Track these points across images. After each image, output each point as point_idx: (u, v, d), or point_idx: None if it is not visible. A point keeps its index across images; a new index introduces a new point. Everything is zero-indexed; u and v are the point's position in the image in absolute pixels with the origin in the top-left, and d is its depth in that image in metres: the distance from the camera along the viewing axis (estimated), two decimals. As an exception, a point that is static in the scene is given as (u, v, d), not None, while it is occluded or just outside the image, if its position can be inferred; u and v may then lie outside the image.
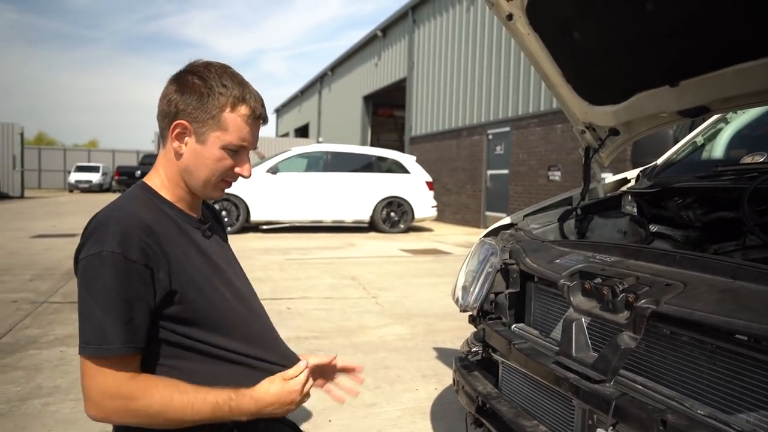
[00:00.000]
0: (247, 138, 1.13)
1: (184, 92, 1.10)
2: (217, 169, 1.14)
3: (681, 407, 1.01)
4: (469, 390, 1.58)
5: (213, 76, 1.10)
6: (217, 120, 1.10)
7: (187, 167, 1.14)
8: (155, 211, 1.11)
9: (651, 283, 1.13)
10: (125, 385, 1.00)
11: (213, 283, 1.14)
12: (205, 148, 1.11)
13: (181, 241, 1.12)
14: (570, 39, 1.82)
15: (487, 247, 1.79)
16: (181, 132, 1.11)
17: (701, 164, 2.18)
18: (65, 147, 36.28)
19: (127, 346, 1.00)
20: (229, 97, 1.10)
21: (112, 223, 1.03)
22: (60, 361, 3.02)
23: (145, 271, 1.02)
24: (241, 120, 1.11)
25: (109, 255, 0.99)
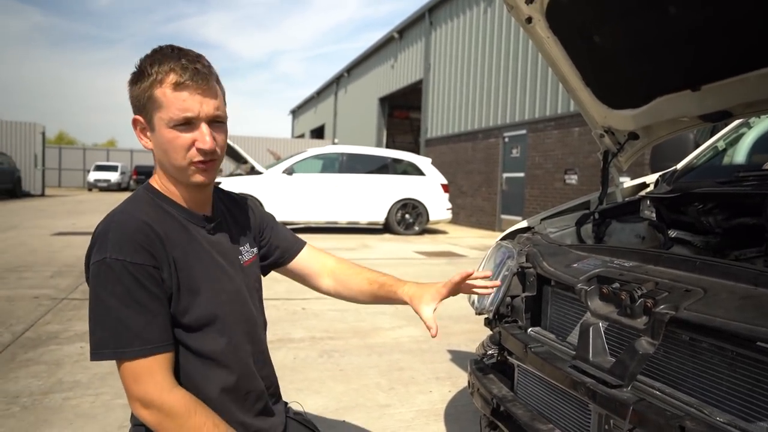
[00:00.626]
0: (188, 106, 1.04)
1: (130, 86, 1.09)
2: (176, 151, 1.07)
3: (700, 414, 1.00)
4: (484, 393, 1.58)
5: (145, 60, 1.07)
6: (152, 101, 1.06)
7: (160, 160, 1.13)
8: (157, 211, 1.11)
9: (670, 288, 1.12)
10: (166, 396, 1.01)
11: (210, 286, 1.13)
12: (158, 134, 1.08)
13: (182, 240, 1.11)
14: (590, 42, 1.81)
15: (504, 250, 1.79)
16: (142, 128, 1.11)
17: (722, 169, 2.15)
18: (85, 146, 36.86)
19: (149, 347, 1.01)
20: (157, 74, 1.04)
21: (114, 228, 1.04)
22: (80, 357, 3.07)
23: (153, 271, 1.03)
24: (171, 90, 1.04)
25: (113, 261, 1.00)
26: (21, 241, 7.72)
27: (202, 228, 1.17)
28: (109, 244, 1.02)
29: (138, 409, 1.03)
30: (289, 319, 4.10)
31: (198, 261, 1.12)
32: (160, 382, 1.02)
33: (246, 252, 1.27)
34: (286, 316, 4.18)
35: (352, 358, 3.24)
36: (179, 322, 1.09)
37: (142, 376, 1.01)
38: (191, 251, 1.12)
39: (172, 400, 1.02)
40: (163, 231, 1.08)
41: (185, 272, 1.09)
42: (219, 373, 1.14)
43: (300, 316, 4.21)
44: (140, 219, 1.06)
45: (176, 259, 1.08)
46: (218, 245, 1.19)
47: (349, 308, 4.47)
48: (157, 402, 1.01)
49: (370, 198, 10.35)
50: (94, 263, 1.03)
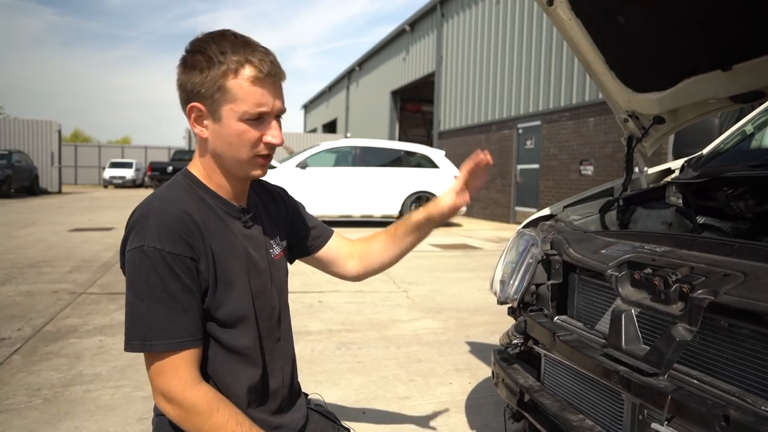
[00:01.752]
0: (264, 101, 1.03)
1: (186, 71, 1.04)
2: (243, 144, 1.05)
3: (743, 403, 0.96)
4: (510, 383, 1.54)
5: (210, 46, 1.02)
6: (223, 91, 1.01)
7: (215, 150, 1.08)
8: (196, 200, 1.08)
9: (707, 273, 1.08)
10: (189, 392, 0.99)
11: (244, 281, 1.11)
12: (223, 126, 1.04)
13: (220, 232, 1.09)
14: (614, 24, 1.76)
15: (527, 237, 1.75)
16: (197, 115, 1.06)
17: (752, 153, 2.09)
18: (100, 144, 37.20)
19: (176, 341, 0.99)
20: (230, 63, 1.00)
21: (153, 215, 1.01)
22: (99, 350, 3.09)
23: (189, 262, 1.01)
24: (248, 84, 1.01)
25: (151, 250, 0.97)
26: (40, 237, 7.81)
27: (237, 220, 1.14)
28: (147, 231, 0.99)
29: (161, 403, 1.02)
30: (305, 312, 4.09)
31: (234, 255, 1.10)
32: (185, 377, 1.00)
33: (276, 245, 1.25)
34: (303, 309, 4.17)
35: (369, 350, 3.22)
36: (212, 316, 1.07)
37: (167, 370, 0.99)
38: (228, 244, 1.09)
39: (194, 396, 1.00)
40: (202, 221, 1.05)
41: (222, 265, 1.07)
42: (246, 369, 1.12)
43: (316, 308, 4.20)
44: (180, 208, 1.03)
45: (214, 251, 1.06)
46: (252, 239, 1.17)
47: (365, 300, 4.46)
48: (179, 398, 0.99)
49: (383, 191, 10.32)
50: (130, 250, 1.00)
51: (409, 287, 4.98)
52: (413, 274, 5.61)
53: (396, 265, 1.45)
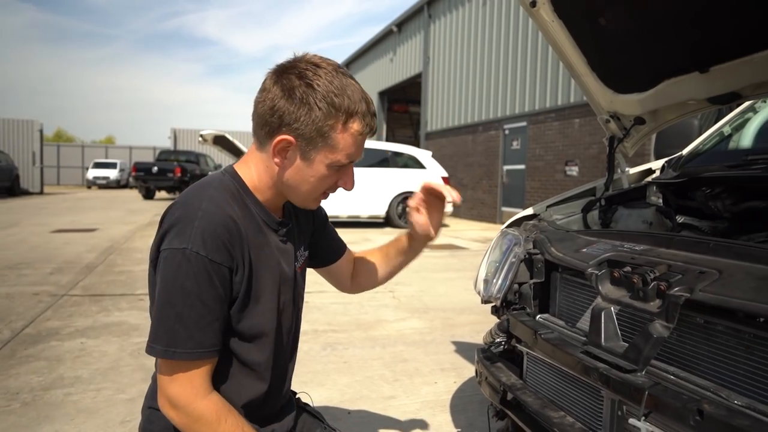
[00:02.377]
0: (355, 154, 1.05)
1: (291, 102, 0.98)
2: (320, 186, 1.07)
3: (717, 397, 0.98)
4: (493, 381, 1.55)
5: (323, 83, 0.98)
6: (326, 139, 1.00)
7: (287, 181, 1.06)
8: (241, 206, 1.05)
9: (684, 270, 1.10)
10: (199, 402, 0.98)
11: (273, 296, 1.10)
12: (310, 167, 1.03)
13: (258, 243, 1.07)
14: (595, 25, 1.78)
15: (511, 237, 1.77)
16: (284, 147, 1.02)
17: (729, 154, 2.12)
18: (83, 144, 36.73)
19: (200, 350, 0.97)
20: (342, 114, 0.99)
21: (201, 218, 0.97)
22: (81, 353, 3.05)
23: (227, 272, 0.99)
24: (351, 138, 1.01)
25: (194, 255, 0.94)
26: (21, 239, 7.69)
27: (275, 233, 1.13)
28: (193, 233, 0.95)
29: (165, 407, 1.00)
30: (291, 312, 4.07)
31: (267, 269, 1.09)
32: (197, 386, 0.98)
33: (300, 256, 1.24)
34: (288, 309, 4.15)
35: (355, 350, 3.22)
36: (233, 327, 1.05)
37: (181, 378, 0.97)
38: (263, 257, 1.08)
39: (203, 406, 0.98)
40: (245, 230, 1.03)
41: (255, 278, 1.05)
42: (254, 382, 1.11)
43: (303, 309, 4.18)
44: (228, 213, 1.00)
45: (252, 262, 1.04)
46: (286, 253, 1.15)
47: (352, 301, 4.45)
48: (188, 407, 0.98)
49: (370, 192, 10.32)
50: (170, 249, 0.96)
51: (395, 287, 4.99)
52: (400, 275, 5.59)
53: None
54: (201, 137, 14.20)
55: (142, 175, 18.31)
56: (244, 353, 1.08)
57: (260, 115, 1.02)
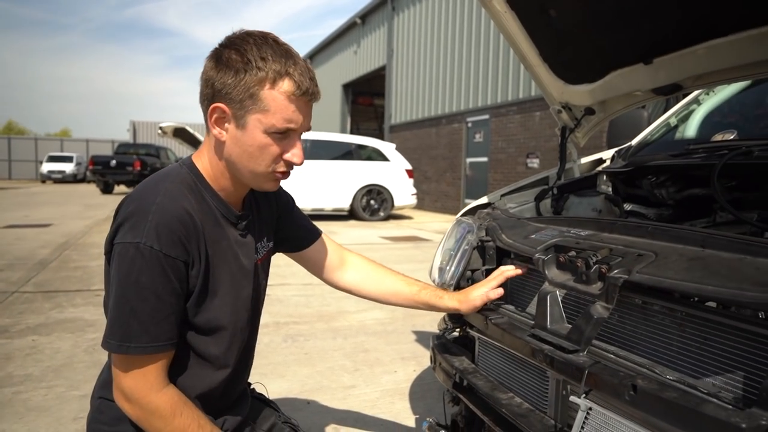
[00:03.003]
0: (294, 118, 0.99)
1: (220, 69, 0.97)
2: (263, 158, 1.01)
3: (651, 373, 1.02)
4: (446, 366, 1.58)
5: (250, 48, 0.96)
6: (255, 99, 0.97)
7: (230, 157, 1.02)
8: (198, 199, 1.03)
9: (623, 254, 1.14)
10: (154, 396, 0.97)
11: (230, 291, 1.09)
12: (246, 134, 0.99)
13: (215, 237, 1.05)
14: (546, 17, 1.81)
15: (464, 225, 1.79)
16: (219, 117, 1.00)
17: (674, 144, 2.20)
18: (37, 136, 35.34)
19: (154, 344, 0.95)
20: (269, 71, 0.96)
21: (155, 212, 0.95)
22: (31, 350, 2.96)
23: (183, 266, 0.97)
24: (283, 97, 0.97)
25: (148, 250, 0.92)
26: (-32, 235, 7.37)
27: (234, 226, 1.11)
28: (147, 228, 0.93)
29: (120, 400, 0.98)
30: (252, 305, 4.03)
31: (225, 263, 1.07)
32: (152, 380, 0.97)
33: (261, 248, 1.22)
34: (250, 302, 4.11)
35: (317, 341, 3.22)
36: (190, 320, 1.04)
37: (135, 372, 0.96)
38: (220, 251, 1.06)
39: (159, 400, 0.97)
40: (202, 224, 1.01)
41: (211, 272, 1.04)
42: (212, 374, 1.10)
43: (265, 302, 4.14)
44: (183, 207, 0.98)
45: (209, 256, 1.02)
46: (244, 246, 1.13)
47: (314, 293, 4.44)
48: (143, 400, 0.96)
49: (334, 184, 10.29)
50: (124, 243, 0.94)
51: (358, 279, 4.99)
52: (363, 267, 5.63)
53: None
54: (161, 129, 13.85)
55: (100, 168, 17.76)
56: (201, 346, 1.07)
57: (200, 93, 1.02)
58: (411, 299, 1.42)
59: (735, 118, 2.33)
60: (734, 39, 1.48)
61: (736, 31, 1.46)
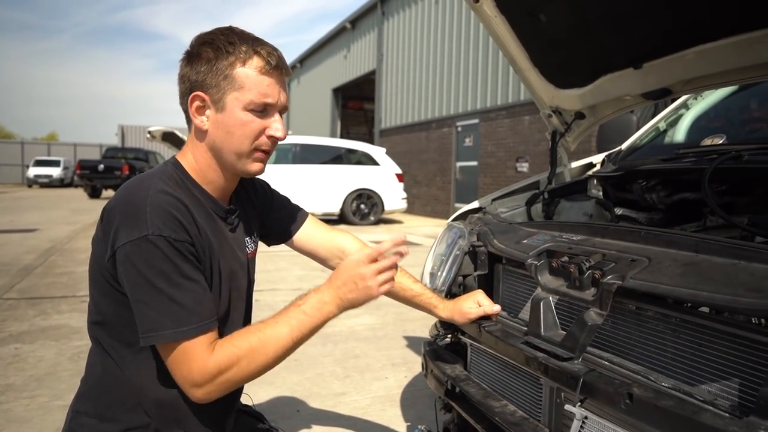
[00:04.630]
0: (270, 92, 1.03)
1: (192, 62, 1.02)
2: (246, 135, 1.03)
3: (646, 381, 1.01)
4: (438, 374, 1.56)
5: (217, 37, 1.02)
6: (230, 79, 1.00)
7: (214, 143, 1.05)
8: (187, 194, 1.04)
9: (617, 259, 1.13)
10: (208, 365, 0.96)
11: (228, 283, 1.09)
12: (226, 115, 1.02)
13: (210, 230, 1.05)
14: (536, 21, 1.81)
15: (456, 230, 1.78)
16: (199, 105, 1.03)
17: (664, 148, 2.21)
18: (24, 140, 34.92)
19: (205, 322, 0.96)
20: (239, 53, 1.01)
21: (150, 204, 0.95)
22: (14, 359, 2.89)
23: (192, 249, 0.98)
24: (256, 73, 1.01)
25: (157, 238, 0.92)
26: (-49, 241, 7.24)
27: (223, 221, 1.11)
28: (148, 220, 0.93)
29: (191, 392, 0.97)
30: (241, 311, 3.99)
31: (223, 256, 1.07)
32: (203, 357, 0.96)
33: (250, 243, 1.22)
34: (239, 308, 4.07)
35: (306, 347, 3.16)
36: None
37: (189, 357, 0.95)
38: (218, 244, 1.06)
39: (215, 360, 0.96)
40: (196, 215, 1.02)
41: (213, 263, 1.04)
42: None
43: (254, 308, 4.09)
44: (176, 196, 0.99)
45: (211, 243, 1.03)
46: (236, 240, 1.15)
47: (304, 299, 4.40)
48: (206, 375, 0.95)
49: (324, 189, 10.25)
50: (130, 241, 0.93)
51: (348, 284, 4.96)
52: (353, 271, 5.59)
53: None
54: (149, 134, 13.75)
55: (88, 173, 17.57)
56: None
57: (179, 93, 1.06)
58: (405, 300, 1.46)
59: (723, 123, 2.34)
60: (723, 44, 1.48)
61: (725, 36, 1.47)
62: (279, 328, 1.01)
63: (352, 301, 1.07)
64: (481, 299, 1.43)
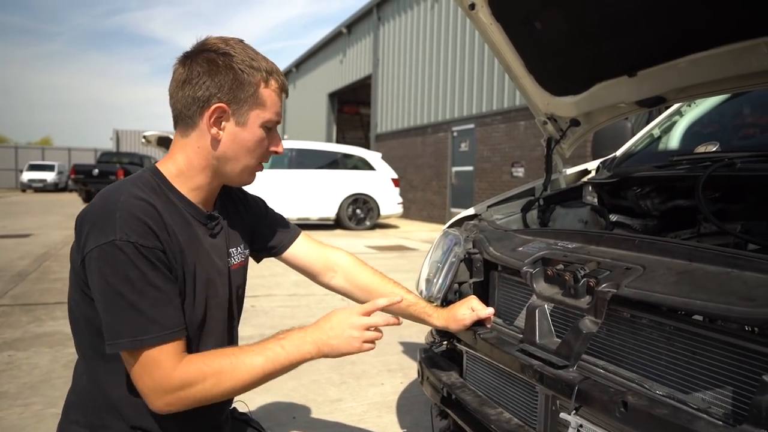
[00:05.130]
0: (280, 112, 1.11)
1: (216, 72, 1.02)
2: (258, 151, 1.09)
3: (641, 389, 1.01)
4: (434, 381, 1.56)
5: (238, 51, 1.04)
6: (255, 97, 1.05)
7: (225, 154, 1.06)
8: (163, 199, 1.03)
9: (611, 267, 1.14)
10: (174, 375, 0.95)
11: (204, 290, 1.07)
12: (246, 130, 1.06)
13: (186, 236, 1.04)
14: (532, 29, 1.82)
15: (451, 237, 1.78)
16: (219, 116, 1.04)
17: (658, 155, 2.22)
18: (18, 145, 34.77)
19: (166, 332, 0.94)
20: (262, 71, 1.05)
21: (120, 208, 0.95)
22: (7, 366, 2.88)
23: (162, 255, 0.96)
24: (275, 95, 1.08)
25: (125, 244, 0.92)
26: (-56, 246, 7.19)
27: (203, 226, 1.11)
28: (116, 225, 0.93)
29: (153, 403, 0.96)
30: (237, 317, 3.98)
31: (198, 262, 1.06)
32: (168, 367, 0.95)
33: (236, 254, 1.21)
34: (235, 314, 4.06)
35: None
36: None
37: (152, 367, 0.94)
38: (193, 250, 1.05)
39: (181, 372, 0.95)
40: (170, 221, 1.01)
41: (186, 269, 1.03)
42: None
43: (249, 313, 4.10)
44: (147, 201, 0.99)
45: (181, 250, 1.02)
46: (216, 248, 1.13)
47: (300, 304, 4.40)
48: (168, 385, 0.94)
49: (320, 193, 10.25)
50: (97, 247, 0.93)
51: (344, 289, 4.96)
52: (349, 277, 5.59)
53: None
54: (144, 138, 13.70)
55: (83, 177, 17.50)
56: None
57: (184, 98, 1.04)
58: (402, 312, 1.40)
59: (716, 129, 2.36)
60: (715, 53, 1.50)
61: (718, 46, 1.48)
62: (253, 356, 1.00)
63: (332, 347, 1.07)
64: (474, 304, 1.43)
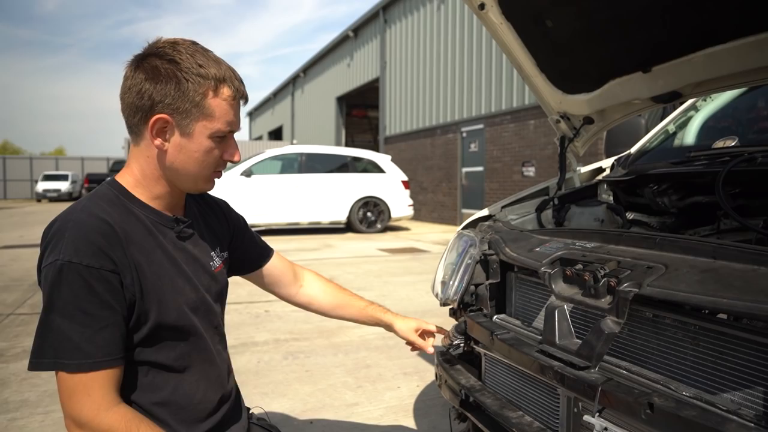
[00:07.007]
0: (234, 121, 1.05)
1: (158, 80, 0.98)
2: (208, 162, 1.05)
3: (667, 390, 0.99)
4: (452, 384, 1.55)
5: (185, 57, 0.99)
6: (201, 108, 1.00)
7: (173, 165, 1.04)
8: (121, 211, 1.02)
9: (632, 266, 1.12)
10: (103, 418, 0.93)
11: (173, 296, 1.06)
12: (192, 141, 1.02)
13: (147, 245, 1.03)
14: (542, 27, 1.80)
15: (466, 239, 1.77)
16: (162, 127, 1.00)
17: (674, 151, 2.19)
18: (32, 155, 35.23)
19: (90, 361, 0.92)
20: (210, 80, 1.00)
21: (70, 228, 0.95)
22: (27, 374, 2.90)
23: (111, 276, 0.95)
24: (225, 104, 1.02)
25: (66, 265, 0.91)
26: (-38, 257, 7.29)
27: (170, 230, 1.09)
28: (64, 244, 0.93)
29: (72, 429, 0.95)
30: (252, 322, 3.99)
31: (162, 268, 1.05)
32: (98, 400, 0.93)
33: (216, 257, 1.21)
34: (249, 319, 4.07)
35: (317, 358, 3.18)
36: (139, 330, 1.01)
37: (78, 393, 0.93)
38: (155, 258, 1.04)
39: (109, 420, 0.93)
40: (125, 233, 0.99)
41: (149, 279, 1.01)
42: (175, 383, 1.07)
43: (263, 318, 4.11)
44: (101, 218, 0.97)
45: (138, 264, 1.00)
46: (186, 251, 1.12)
47: (314, 308, 4.39)
48: (92, 423, 0.93)
49: (331, 197, 10.26)
50: (47, 265, 0.94)
51: (357, 293, 4.95)
52: (362, 280, 5.59)
53: (344, 271, 1.52)
54: (155, 146, 13.83)
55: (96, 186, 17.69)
56: (156, 355, 1.05)
57: (129, 105, 1.02)
58: (360, 312, 1.54)
59: (733, 124, 2.32)
60: (732, 46, 1.47)
61: (734, 39, 1.46)
62: None
63: None
64: None
